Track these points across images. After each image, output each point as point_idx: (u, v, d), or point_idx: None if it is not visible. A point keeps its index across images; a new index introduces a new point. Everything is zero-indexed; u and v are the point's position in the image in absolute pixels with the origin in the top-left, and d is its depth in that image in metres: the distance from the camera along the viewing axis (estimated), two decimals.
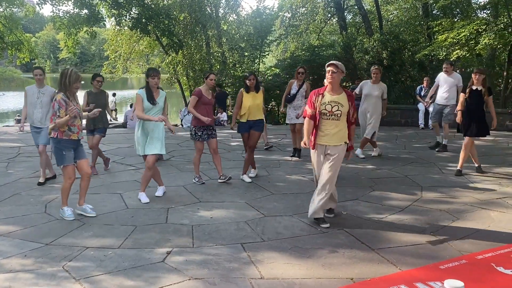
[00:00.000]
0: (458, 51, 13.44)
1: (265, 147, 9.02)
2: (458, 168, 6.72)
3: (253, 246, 3.99)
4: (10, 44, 17.01)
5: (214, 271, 3.48)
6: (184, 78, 19.58)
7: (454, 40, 13.12)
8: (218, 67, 17.48)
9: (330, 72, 4.33)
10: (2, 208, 5.13)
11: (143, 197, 5.43)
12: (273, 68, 20.65)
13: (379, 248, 3.94)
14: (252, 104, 6.32)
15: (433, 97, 8.83)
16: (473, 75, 6.61)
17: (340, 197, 5.54)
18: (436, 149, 8.68)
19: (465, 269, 3.45)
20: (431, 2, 18.34)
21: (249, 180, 6.39)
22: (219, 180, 6.28)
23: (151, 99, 5.34)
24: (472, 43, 13.30)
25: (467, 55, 13.61)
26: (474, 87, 6.59)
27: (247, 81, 6.34)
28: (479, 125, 6.55)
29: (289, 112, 8.05)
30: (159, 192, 5.68)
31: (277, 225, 4.57)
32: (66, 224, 4.59)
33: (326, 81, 4.46)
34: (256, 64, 18.85)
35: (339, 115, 4.35)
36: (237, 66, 18.30)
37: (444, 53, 14.13)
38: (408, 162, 7.66)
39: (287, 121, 8.21)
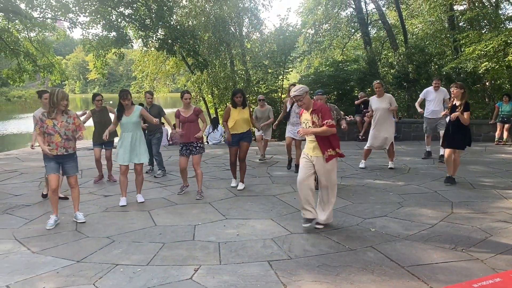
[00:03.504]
0: (487, 63, 13.18)
1: (259, 159, 9.61)
2: (447, 175, 7.06)
3: (280, 264, 3.97)
4: (42, 67, 17.63)
5: None
6: (209, 96, 19.85)
7: (482, 52, 12.89)
8: (242, 84, 17.64)
9: (298, 102, 4.89)
10: (35, 226, 5.28)
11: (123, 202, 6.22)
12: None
13: (409, 265, 3.85)
14: (239, 118, 6.76)
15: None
16: (451, 90, 6.81)
17: (368, 213, 5.49)
18: (423, 157, 9.34)
19: None
20: (457, 14, 18.12)
21: (242, 187, 6.97)
22: (197, 197, 6.51)
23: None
24: (500, 54, 13.03)
25: (496, 67, 13.33)
26: (454, 103, 6.79)
27: (235, 98, 6.74)
28: (456, 137, 6.78)
29: (287, 128, 8.34)
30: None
31: (304, 242, 4.54)
32: (96, 241, 4.68)
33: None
34: (279, 81, 18.95)
35: None
36: (261, 83, 18.43)
37: (472, 66, 13.88)
38: (437, 177, 7.49)
39: (286, 135, 8.41)
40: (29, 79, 19.44)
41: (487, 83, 16.42)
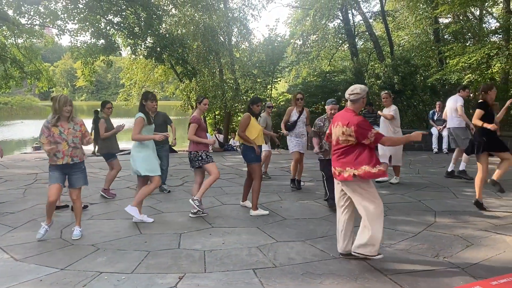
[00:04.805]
0: (470, 75, 13.47)
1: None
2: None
3: (265, 272, 4.00)
4: (30, 74, 17.50)
5: None
6: None
7: (466, 65, 13.17)
8: (231, 93, 17.71)
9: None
10: (18, 234, 5.23)
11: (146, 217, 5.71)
12: (285, 94, 20.87)
13: (392, 273, 3.91)
14: (259, 128, 6.14)
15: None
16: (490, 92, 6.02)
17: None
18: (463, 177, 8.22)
19: None
20: (442, 27, 18.49)
21: (266, 212, 6.05)
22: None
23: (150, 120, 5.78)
24: (483, 67, 13.33)
25: (479, 79, 13.62)
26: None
27: (256, 106, 6.12)
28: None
29: (291, 140, 7.58)
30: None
31: (289, 250, 4.57)
32: (81, 249, 4.66)
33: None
34: (268, 90, 19.07)
35: None
36: (249, 92, 18.52)
37: (456, 77, 14.16)
38: (421, 187, 7.61)
39: (291, 150, 7.62)
40: (15, 86, 19.28)
41: (470, 95, 16.72)
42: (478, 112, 5.95)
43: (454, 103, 8.20)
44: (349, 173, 4.00)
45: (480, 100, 6.07)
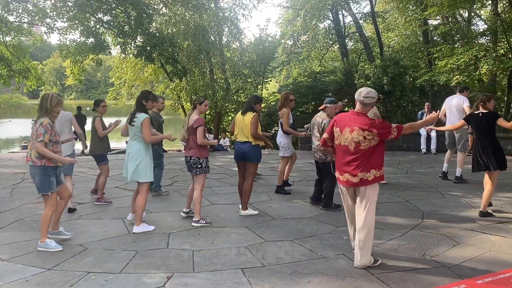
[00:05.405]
0: (458, 76, 13.62)
1: None
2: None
3: (253, 271, 4.01)
4: (18, 72, 17.28)
5: None
6: (188, 104, 19.84)
7: (454, 66, 13.32)
8: (221, 93, 17.70)
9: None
10: (5, 234, 5.17)
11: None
12: (275, 94, 20.91)
13: (379, 272, 3.94)
14: (260, 129, 6.05)
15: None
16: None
17: (341, 221, 5.55)
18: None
19: None
20: (431, 28, 18.67)
21: (256, 212, 6.05)
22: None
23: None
24: (471, 68, 13.48)
25: (467, 80, 13.79)
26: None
27: (259, 105, 6.11)
28: None
29: (290, 142, 7.38)
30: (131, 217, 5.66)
31: (278, 250, 4.59)
32: (68, 249, 4.62)
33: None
34: (259, 90, 19.09)
35: None
36: (240, 92, 18.54)
37: (445, 79, 14.30)
38: (409, 187, 7.67)
39: (290, 153, 7.35)
40: (3, 84, 19.06)
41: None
42: (502, 119, 5.93)
43: (458, 103, 7.94)
44: (374, 175, 3.98)
45: (485, 111, 5.93)
